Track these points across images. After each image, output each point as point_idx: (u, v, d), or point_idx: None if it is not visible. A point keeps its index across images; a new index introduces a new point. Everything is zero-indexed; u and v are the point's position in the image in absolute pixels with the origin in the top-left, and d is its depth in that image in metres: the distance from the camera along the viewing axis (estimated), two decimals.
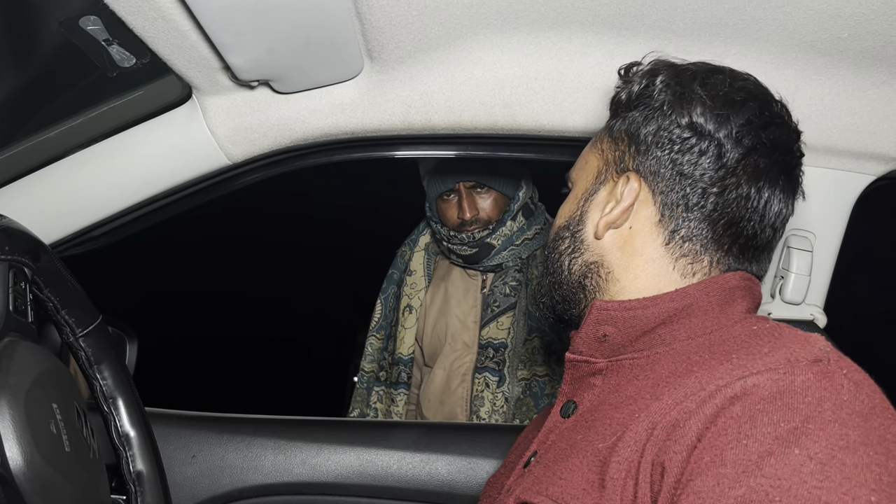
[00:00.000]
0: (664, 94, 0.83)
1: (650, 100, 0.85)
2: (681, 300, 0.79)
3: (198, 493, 1.32)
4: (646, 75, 0.86)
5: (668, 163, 0.82)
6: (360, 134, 1.19)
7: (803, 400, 0.61)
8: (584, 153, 0.94)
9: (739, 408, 0.63)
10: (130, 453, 1.02)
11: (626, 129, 0.86)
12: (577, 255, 0.88)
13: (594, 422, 0.77)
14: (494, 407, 1.77)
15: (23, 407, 0.71)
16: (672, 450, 0.64)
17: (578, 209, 0.89)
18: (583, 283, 0.87)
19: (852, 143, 1.18)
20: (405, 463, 1.33)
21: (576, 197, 0.91)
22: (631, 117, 0.86)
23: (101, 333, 1.00)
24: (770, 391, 0.63)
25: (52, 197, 1.20)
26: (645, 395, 0.74)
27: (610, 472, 0.68)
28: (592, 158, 0.91)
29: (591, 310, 0.83)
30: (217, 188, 1.26)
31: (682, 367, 0.74)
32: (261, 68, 1.04)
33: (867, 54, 1.06)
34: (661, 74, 0.84)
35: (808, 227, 1.25)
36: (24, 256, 0.84)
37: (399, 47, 1.06)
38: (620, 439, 0.70)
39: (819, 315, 1.24)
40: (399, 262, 2.04)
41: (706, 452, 0.62)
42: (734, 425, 0.62)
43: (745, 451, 0.60)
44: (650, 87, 0.85)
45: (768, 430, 0.60)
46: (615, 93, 0.90)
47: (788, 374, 0.64)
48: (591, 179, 0.89)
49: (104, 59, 1.02)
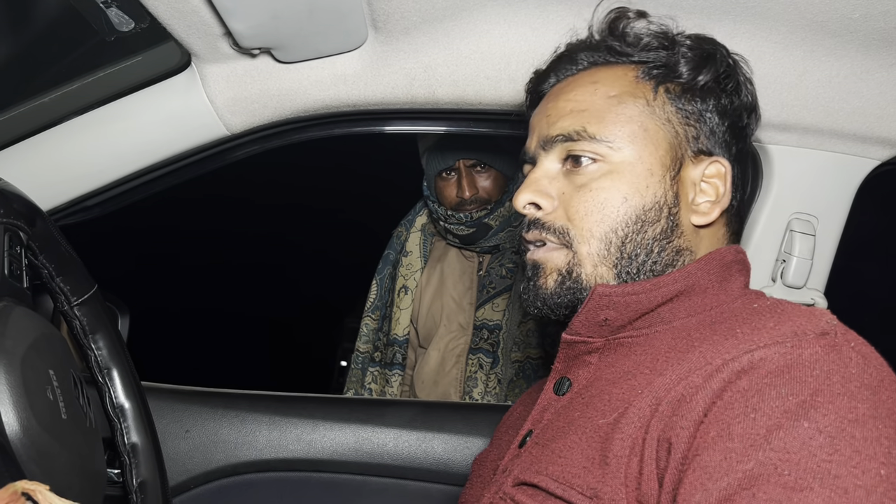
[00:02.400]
0: (735, 81, 0.85)
1: (735, 84, 0.85)
2: (684, 281, 0.78)
3: (191, 467, 1.30)
4: (722, 59, 0.85)
5: (737, 150, 0.85)
6: (362, 106, 1.17)
7: (811, 373, 0.61)
8: (622, 112, 0.82)
9: (746, 381, 0.62)
10: (125, 425, 1.01)
11: (699, 109, 0.83)
12: (671, 241, 0.81)
13: (592, 398, 0.76)
14: (487, 388, 1.76)
15: (19, 372, 0.70)
16: (679, 425, 0.64)
17: (668, 189, 0.81)
18: (660, 272, 0.81)
19: (858, 126, 1.17)
20: (401, 441, 1.33)
21: (650, 172, 0.81)
22: (701, 95, 0.83)
23: (97, 303, 0.98)
24: (777, 364, 0.63)
25: (46, 164, 1.17)
26: (644, 369, 0.73)
27: (613, 450, 0.68)
28: (655, 128, 0.82)
29: (592, 295, 0.79)
30: (215, 159, 1.24)
31: (683, 342, 0.74)
32: (263, 35, 1.01)
33: (878, 36, 1.04)
34: (726, 55, 0.86)
35: (811, 211, 1.24)
36: (19, 220, 0.82)
37: (404, 18, 1.04)
38: (623, 415, 0.69)
39: (820, 299, 1.24)
40: (395, 242, 2.02)
41: (713, 426, 0.61)
42: (741, 399, 0.61)
43: (753, 424, 0.59)
44: (730, 71, 0.85)
45: (776, 404, 0.60)
46: (658, 55, 0.84)
47: (796, 347, 0.64)
48: (664, 154, 0.81)
49: (102, 22, 1.00)
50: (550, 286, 0.82)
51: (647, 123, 0.81)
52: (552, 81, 0.92)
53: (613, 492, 0.66)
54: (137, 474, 0.99)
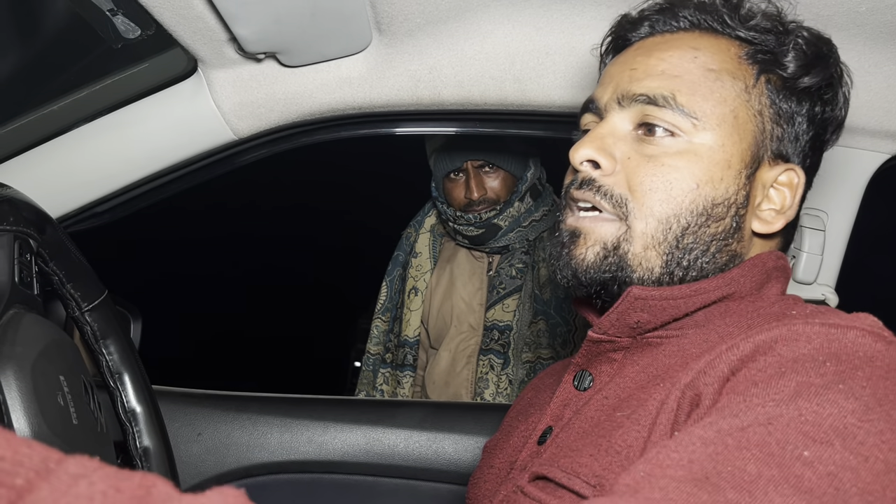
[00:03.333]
0: (834, 90, 0.79)
1: (821, 89, 0.77)
2: (725, 288, 0.74)
3: (204, 470, 1.31)
4: (822, 57, 0.77)
5: (812, 161, 0.80)
6: (368, 109, 1.18)
7: (854, 353, 0.58)
8: (718, 91, 0.74)
9: (783, 347, 0.59)
10: (137, 429, 1.01)
11: (793, 110, 0.76)
12: (726, 245, 0.75)
13: (619, 403, 0.72)
14: (499, 389, 1.76)
15: (30, 378, 0.70)
16: (703, 382, 0.61)
17: (742, 187, 0.74)
18: (708, 273, 0.76)
19: (867, 120, 1.16)
20: (412, 441, 1.33)
21: (728, 164, 0.73)
22: (799, 97, 0.76)
23: (107, 308, 0.99)
24: (819, 339, 0.59)
25: (56, 172, 1.19)
26: (672, 372, 0.70)
27: (626, 439, 0.66)
28: (745, 115, 0.75)
29: (626, 297, 0.73)
30: (222, 164, 1.25)
31: (714, 338, 0.70)
32: (267, 40, 1.02)
33: (885, 29, 1.03)
34: (832, 59, 0.78)
35: (820, 207, 1.23)
36: (29, 228, 0.83)
37: (408, 20, 1.04)
38: (640, 406, 0.67)
39: (830, 295, 1.23)
40: (404, 244, 2.02)
41: (741, 381, 0.58)
42: (775, 363, 0.58)
43: (782, 379, 0.56)
44: (822, 73, 0.77)
45: (810, 367, 0.56)
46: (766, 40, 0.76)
47: (842, 331, 0.60)
48: (748, 149, 0.75)
49: (109, 29, 1.01)
50: (589, 259, 0.75)
51: (739, 110, 0.74)
52: (643, 32, 0.82)
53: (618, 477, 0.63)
54: None
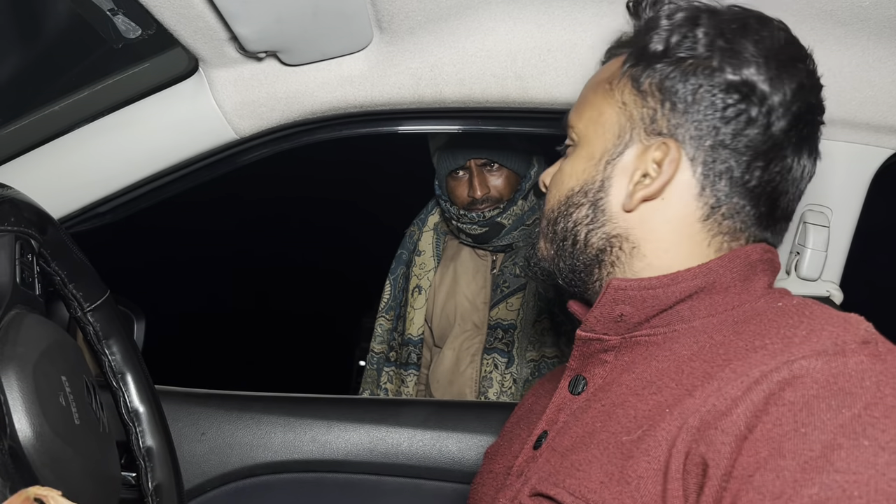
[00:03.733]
0: (711, 49, 0.74)
1: (691, 52, 0.74)
2: (704, 277, 0.74)
3: (207, 470, 1.31)
4: (685, 23, 0.75)
5: (711, 129, 0.74)
6: (370, 107, 1.17)
7: (861, 384, 0.57)
8: (591, 99, 0.83)
9: (791, 394, 0.58)
10: (140, 429, 1.01)
11: (659, 83, 0.76)
12: (597, 227, 0.79)
13: (614, 409, 0.72)
14: (503, 388, 1.76)
15: (31, 379, 0.70)
16: (719, 440, 0.60)
17: (599, 174, 0.79)
18: (600, 258, 0.80)
19: (871, 115, 1.15)
20: (415, 440, 1.33)
21: (591, 157, 0.80)
22: (663, 70, 0.75)
23: (110, 308, 0.99)
24: (823, 375, 0.58)
25: (58, 172, 1.19)
26: (669, 382, 0.69)
27: (638, 470, 0.64)
28: (609, 111, 0.80)
29: (607, 289, 0.76)
30: (224, 163, 1.25)
31: (707, 348, 0.70)
32: (268, 38, 1.02)
33: (888, 23, 1.03)
34: (703, 24, 0.75)
35: (824, 202, 1.23)
36: (30, 228, 0.83)
37: (409, 18, 1.04)
38: (647, 434, 0.66)
39: (835, 291, 1.23)
40: (408, 241, 2.02)
41: (763, 445, 0.57)
42: (789, 414, 0.57)
43: (805, 440, 0.55)
44: (690, 38, 0.75)
45: (828, 418, 0.56)
46: (640, 37, 0.79)
47: (839, 355, 0.60)
48: (612, 138, 0.79)
49: (109, 29, 1.01)
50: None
51: (603, 107, 0.81)
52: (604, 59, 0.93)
53: None
54: (153, 477, 1.00)
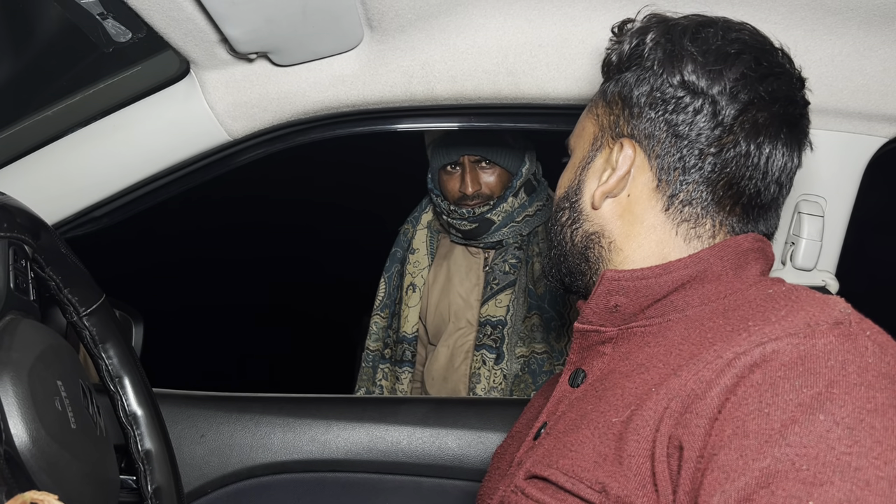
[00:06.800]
0: (655, 53, 0.80)
1: (641, 59, 0.81)
2: (695, 266, 0.76)
3: (207, 472, 1.31)
4: (636, 33, 0.82)
5: (663, 124, 0.79)
6: (362, 106, 1.17)
7: (826, 364, 0.59)
8: (581, 119, 0.92)
9: (759, 375, 0.60)
10: (138, 432, 1.01)
11: (619, 91, 0.83)
12: (578, 226, 0.86)
13: (605, 391, 0.75)
14: (492, 384, 1.76)
15: (26, 384, 0.70)
16: (693, 423, 0.62)
17: (576, 178, 0.87)
18: (586, 255, 0.86)
19: (863, 104, 1.15)
20: (415, 438, 1.33)
21: (574, 166, 0.89)
22: (624, 79, 0.83)
23: (106, 312, 0.99)
24: (791, 357, 0.60)
25: (52, 177, 1.18)
26: (658, 363, 0.72)
27: (627, 449, 0.66)
28: (588, 124, 0.88)
29: (601, 280, 0.80)
30: (218, 165, 1.24)
31: (696, 333, 0.72)
32: (259, 39, 1.02)
33: (878, 13, 1.03)
34: (652, 31, 0.81)
35: (818, 192, 1.23)
36: (23, 234, 0.82)
37: (399, 16, 1.03)
38: (636, 413, 0.68)
39: (831, 281, 1.23)
40: (402, 239, 2.02)
41: (727, 424, 0.59)
42: (755, 394, 0.59)
43: (767, 419, 0.57)
44: (641, 46, 0.82)
45: (790, 397, 0.57)
46: (606, 54, 0.87)
47: (809, 337, 0.61)
48: (588, 147, 0.87)
49: (99, 33, 1.00)
50: None
51: (585, 122, 0.90)
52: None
53: (623, 489, 0.65)
54: (152, 480, 1.00)
